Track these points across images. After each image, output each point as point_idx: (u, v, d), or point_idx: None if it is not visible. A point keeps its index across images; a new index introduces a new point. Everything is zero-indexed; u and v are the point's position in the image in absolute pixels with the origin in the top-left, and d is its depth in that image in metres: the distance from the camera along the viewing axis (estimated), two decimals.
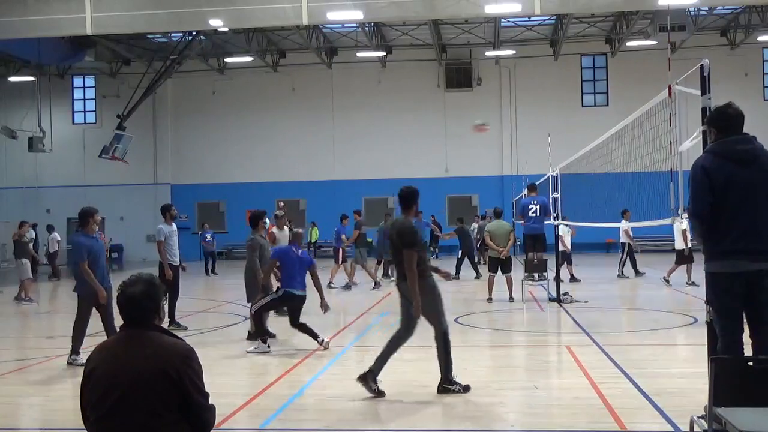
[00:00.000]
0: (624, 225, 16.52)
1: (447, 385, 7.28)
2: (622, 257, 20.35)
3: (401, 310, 7.44)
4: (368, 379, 7.19)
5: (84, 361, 8.61)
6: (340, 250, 19.06)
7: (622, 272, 20.16)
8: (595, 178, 13.78)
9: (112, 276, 9.55)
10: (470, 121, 34.96)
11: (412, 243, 7.13)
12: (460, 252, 22.25)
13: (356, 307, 14.79)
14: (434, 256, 29.55)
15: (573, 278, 18.89)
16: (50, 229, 25.63)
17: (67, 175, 36.58)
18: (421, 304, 7.10)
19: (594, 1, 22.98)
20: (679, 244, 17.73)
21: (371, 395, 7.12)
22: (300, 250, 10.19)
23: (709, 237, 5.18)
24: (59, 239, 25.34)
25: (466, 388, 7.27)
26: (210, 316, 14.32)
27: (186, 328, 12.03)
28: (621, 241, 20.34)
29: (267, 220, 11.57)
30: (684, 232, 17.09)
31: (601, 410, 6.56)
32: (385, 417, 6.73)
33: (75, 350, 9.27)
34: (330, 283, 18.57)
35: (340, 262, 19.24)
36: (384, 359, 7.30)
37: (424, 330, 11.84)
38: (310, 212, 35.35)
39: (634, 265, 20.38)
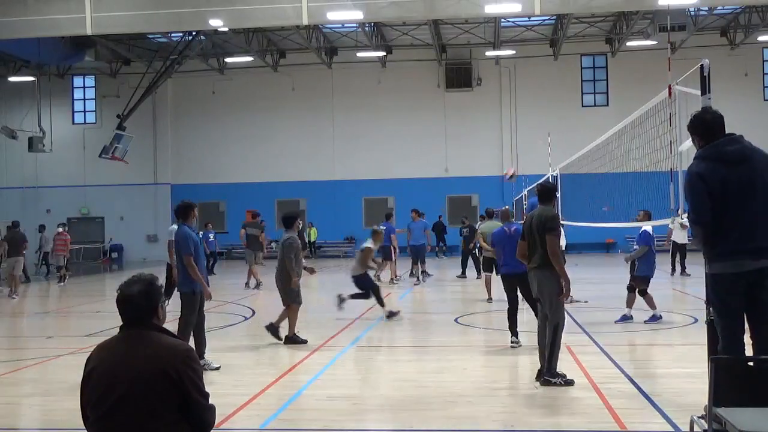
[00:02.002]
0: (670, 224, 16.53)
1: (549, 377, 7.41)
2: (682, 256, 20.28)
3: (540, 299, 7.74)
4: (550, 378, 7.39)
5: (211, 362, 8.50)
6: (391, 248, 19.69)
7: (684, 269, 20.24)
8: (595, 178, 13.79)
9: (112, 276, 9.54)
10: (470, 121, 35.19)
11: (553, 228, 7.58)
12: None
13: (356, 307, 14.77)
14: (435, 255, 29.57)
15: None
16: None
17: (67, 175, 36.58)
18: (550, 289, 7.53)
19: (594, 1, 22.98)
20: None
21: (563, 385, 7.31)
22: (513, 228, 10.40)
23: (710, 239, 5.18)
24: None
25: (569, 382, 7.39)
26: (210, 317, 14.27)
27: None
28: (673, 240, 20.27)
29: (300, 222, 11.34)
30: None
31: (601, 410, 6.56)
32: (385, 417, 6.74)
33: (200, 355, 8.43)
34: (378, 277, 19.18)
35: (393, 260, 20.05)
36: (542, 354, 7.49)
37: (423, 329, 11.85)
38: (310, 212, 35.37)
39: (674, 263, 20.36)
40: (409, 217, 20.97)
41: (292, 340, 10.38)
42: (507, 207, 12.00)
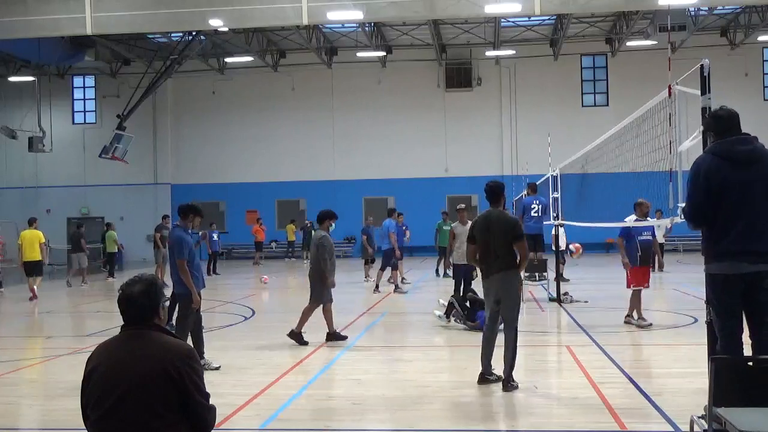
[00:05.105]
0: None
1: (512, 381, 7.39)
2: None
3: (492, 302, 7.59)
4: (508, 385, 7.36)
5: (211, 362, 8.53)
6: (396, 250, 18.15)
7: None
8: (595, 178, 13.79)
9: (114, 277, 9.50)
10: (470, 121, 35.20)
11: (523, 234, 7.66)
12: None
13: (356, 307, 14.79)
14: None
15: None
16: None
17: (67, 175, 36.58)
18: (514, 292, 7.56)
19: (594, 1, 22.97)
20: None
21: (517, 389, 7.35)
22: None
23: (708, 238, 5.19)
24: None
25: (517, 386, 7.44)
26: (211, 317, 14.31)
27: None
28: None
29: (333, 223, 11.19)
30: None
31: (601, 410, 6.56)
32: (385, 417, 6.74)
33: (199, 355, 8.34)
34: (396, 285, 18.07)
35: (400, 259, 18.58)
36: (508, 363, 7.45)
37: (423, 329, 11.84)
38: (310, 212, 35.34)
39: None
40: (410, 216, 20.07)
41: (296, 337, 10.37)
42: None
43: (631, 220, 11.12)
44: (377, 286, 17.94)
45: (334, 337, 10.53)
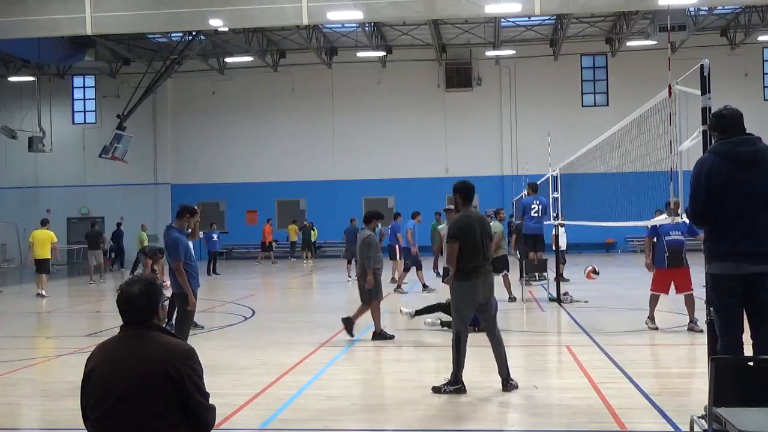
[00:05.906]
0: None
1: (511, 379, 7.38)
2: None
3: (476, 304, 7.49)
4: (508, 384, 7.34)
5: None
6: (396, 248, 18.86)
7: None
8: (595, 178, 13.78)
9: (112, 276, 9.49)
10: (470, 121, 35.20)
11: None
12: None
13: (356, 307, 14.75)
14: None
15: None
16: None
17: (67, 175, 36.61)
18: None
19: (594, 1, 22.97)
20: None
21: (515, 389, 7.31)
22: None
23: (709, 238, 5.19)
24: None
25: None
26: (211, 316, 14.31)
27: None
28: None
29: (379, 224, 11.22)
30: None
31: (601, 410, 6.56)
32: (384, 417, 6.74)
33: None
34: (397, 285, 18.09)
35: (398, 259, 19.05)
36: (504, 360, 7.44)
37: (423, 329, 11.84)
38: (310, 212, 35.39)
39: None
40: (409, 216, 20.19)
41: (381, 336, 10.60)
42: None
43: (660, 219, 10.73)
44: (424, 285, 18.00)
45: (381, 336, 10.68)
